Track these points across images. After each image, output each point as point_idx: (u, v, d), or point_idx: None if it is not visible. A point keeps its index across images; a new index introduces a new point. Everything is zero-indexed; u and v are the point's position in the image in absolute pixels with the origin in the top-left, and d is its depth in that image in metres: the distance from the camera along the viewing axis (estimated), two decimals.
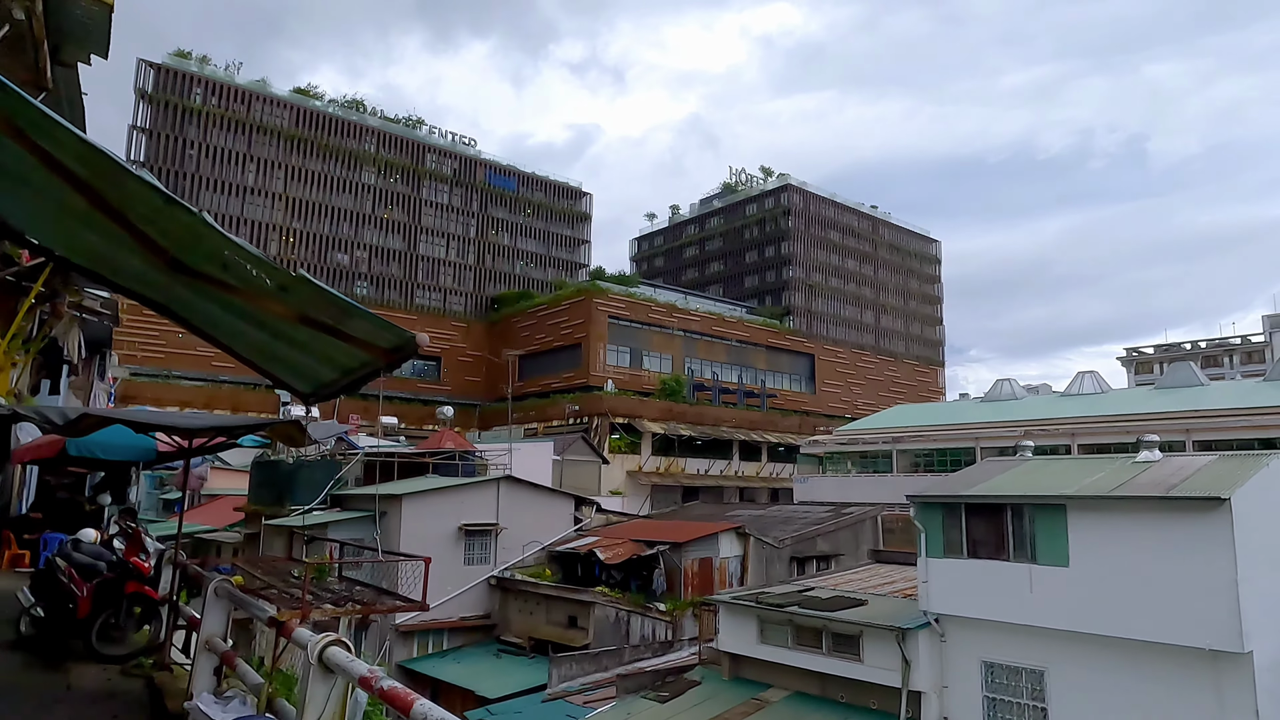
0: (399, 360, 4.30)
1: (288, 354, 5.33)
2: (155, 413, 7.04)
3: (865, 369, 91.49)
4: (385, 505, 28.23)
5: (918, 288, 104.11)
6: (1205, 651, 13.47)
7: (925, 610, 17.08)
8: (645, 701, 19.99)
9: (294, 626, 3.34)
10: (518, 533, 29.61)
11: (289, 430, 5.93)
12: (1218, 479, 14.43)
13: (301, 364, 5.45)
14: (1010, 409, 52.01)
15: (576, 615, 26.05)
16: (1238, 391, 46.91)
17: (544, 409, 67.38)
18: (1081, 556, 14.93)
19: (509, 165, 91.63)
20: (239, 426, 5.82)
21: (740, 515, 36.25)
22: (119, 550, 6.90)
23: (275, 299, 4.22)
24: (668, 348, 74.08)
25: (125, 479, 13.32)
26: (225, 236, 3.79)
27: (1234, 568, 13.16)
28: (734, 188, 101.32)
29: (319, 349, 4.91)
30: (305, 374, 5.67)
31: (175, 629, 6.10)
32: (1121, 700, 14.49)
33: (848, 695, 18.26)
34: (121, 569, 6.80)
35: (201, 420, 6.08)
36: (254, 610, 3.83)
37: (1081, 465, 17.80)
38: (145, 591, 6.63)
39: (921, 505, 17.47)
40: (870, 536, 33.88)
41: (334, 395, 5.91)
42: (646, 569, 27.92)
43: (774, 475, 70.12)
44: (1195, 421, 41.50)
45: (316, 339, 4.72)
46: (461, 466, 34.26)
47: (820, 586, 22.06)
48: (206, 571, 5.59)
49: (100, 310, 16.09)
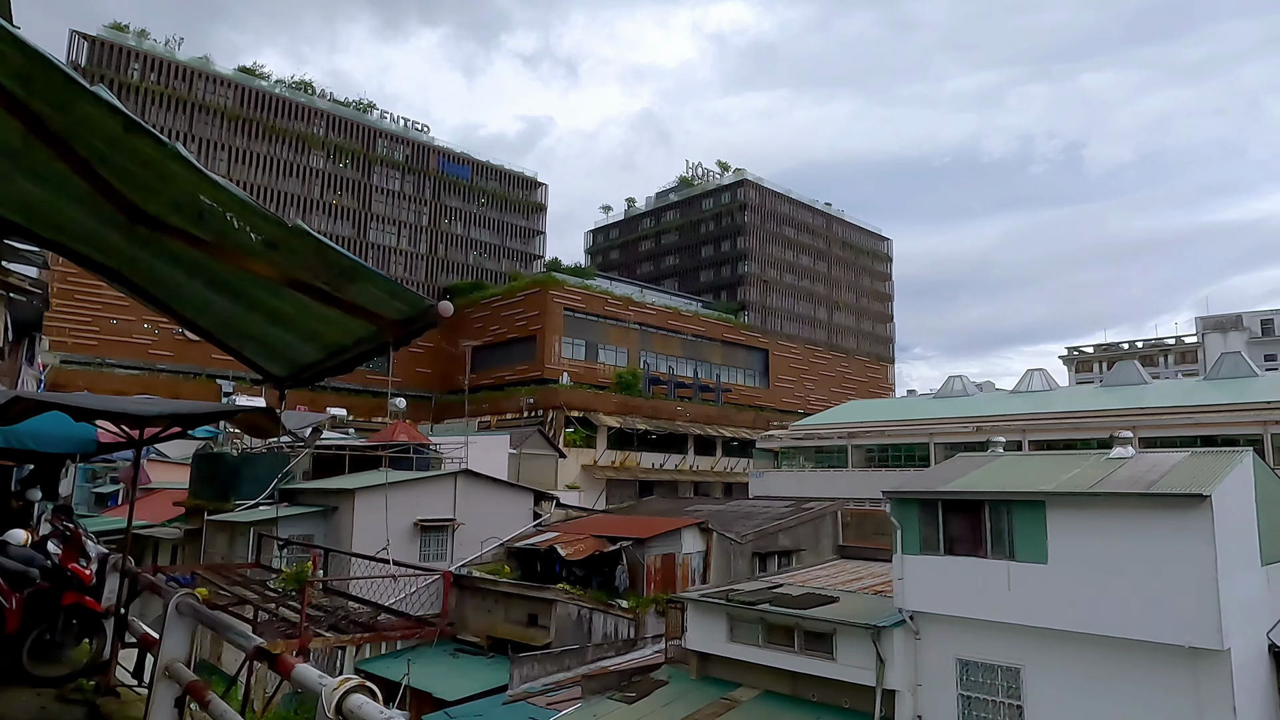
0: (409, 335, 3.61)
1: (264, 329, 4.57)
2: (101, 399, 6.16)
3: (818, 365, 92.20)
4: (336, 500, 27.10)
5: (869, 285, 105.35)
6: (1184, 649, 13.42)
7: (901, 608, 16.82)
8: (612, 702, 19.40)
9: (291, 661, 2.67)
10: (475, 528, 28.72)
11: (259, 420, 5.16)
12: (1195, 476, 14.41)
13: (279, 341, 4.69)
14: (962, 405, 52.70)
15: (537, 613, 25.30)
16: (1179, 390, 48.27)
17: (498, 402, 66.21)
18: (1060, 553, 14.79)
19: (463, 153, 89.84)
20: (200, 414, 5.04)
21: (701, 510, 35.86)
22: (54, 555, 6.04)
23: (260, 258, 3.49)
24: (623, 341, 73.45)
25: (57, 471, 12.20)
26: (204, 176, 3.06)
27: (1214, 565, 13.12)
28: (690, 182, 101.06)
29: (305, 322, 4.17)
30: (282, 354, 4.90)
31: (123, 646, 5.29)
32: (1098, 698, 14.40)
33: (819, 694, 17.94)
34: (58, 576, 5.94)
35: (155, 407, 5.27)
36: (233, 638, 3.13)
37: (1056, 461, 17.75)
38: (86, 603, 5.79)
39: (898, 501, 17.20)
40: (831, 531, 33.80)
41: (313, 379, 5.16)
42: (609, 565, 27.30)
43: (728, 470, 70.14)
44: (1139, 419, 42.44)
45: (305, 309, 3.98)
46: (416, 460, 33.19)
47: (789, 583, 21.74)
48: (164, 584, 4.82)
49: (29, 289, 14.83)
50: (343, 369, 4.62)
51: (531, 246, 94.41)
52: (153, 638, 4.79)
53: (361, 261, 3.24)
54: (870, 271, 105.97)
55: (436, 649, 26.44)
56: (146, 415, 5.10)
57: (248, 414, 5.05)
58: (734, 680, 19.54)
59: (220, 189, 3.09)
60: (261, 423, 5.24)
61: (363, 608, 4.96)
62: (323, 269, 3.38)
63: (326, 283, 3.49)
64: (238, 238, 3.39)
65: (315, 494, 28.29)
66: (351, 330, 4.01)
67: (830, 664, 17.47)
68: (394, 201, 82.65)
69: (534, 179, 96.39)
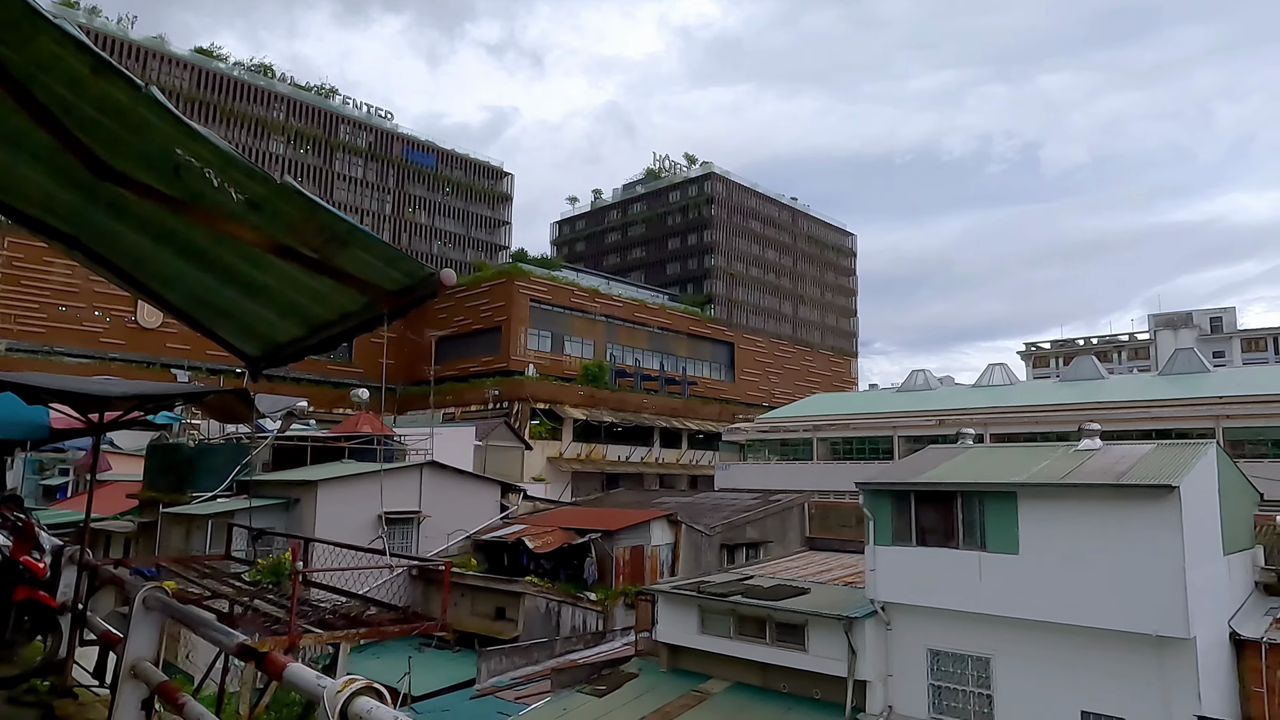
0: (407, 306, 3.34)
1: (240, 304, 4.24)
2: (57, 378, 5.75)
3: (783, 358, 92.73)
4: (298, 492, 26.47)
5: (833, 280, 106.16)
6: (1151, 637, 13.61)
7: (872, 598, 16.86)
8: (582, 695, 19.21)
9: (281, 660, 2.40)
10: (441, 521, 28.27)
11: (231, 403, 4.83)
12: (1162, 467, 14.62)
13: (256, 317, 4.36)
14: (925, 399, 53.30)
15: (505, 606, 25.01)
16: (1135, 385, 49.39)
17: (463, 393, 65.44)
18: (1031, 544, 14.92)
19: (428, 141, 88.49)
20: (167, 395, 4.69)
21: (668, 502, 35.79)
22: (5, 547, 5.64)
23: (241, 221, 3.20)
24: (590, 333, 73.06)
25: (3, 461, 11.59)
26: (182, 126, 2.76)
27: (1182, 554, 13.31)
28: (657, 174, 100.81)
29: (287, 295, 3.87)
30: (258, 332, 4.57)
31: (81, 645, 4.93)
32: (1067, 686, 14.57)
33: (790, 685, 17.93)
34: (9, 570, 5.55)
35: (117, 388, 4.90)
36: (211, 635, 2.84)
37: (1026, 453, 17.92)
38: (39, 598, 5.41)
39: (871, 493, 17.23)
40: (798, 523, 33.95)
41: (291, 359, 4.84)
42: (577, 558, 27.08)
43: (694, 462, 70.23)
44: (1097, 413, 43.21)
45: (288, 281, 3.68)
46: (380, 451, 32.55)
47: (760, 575, 21.71)
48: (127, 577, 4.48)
49: None
50: (325, 347, 4.32)
51: (497, 237, 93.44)
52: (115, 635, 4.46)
53: (358, 225, 2.97)
54: (835, 266, 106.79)
55: (402, 643, 25.98)
56: (108, 397, 4.74)
57: (219, 397, 4.71)
58: (704, 672, 19.47)
59: (200, 141, 2.80)
60: (233, 406, 4.91)
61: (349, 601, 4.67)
62: (313, 234, 3.09)
63: (316, 249, 3.21)
64: (217, 197, 3.09)
65: (276, 486, 27.61)
66: (339, 303, 3.72)
67: (802, 655, 17.47)
68: (356, 189, 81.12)
69: (500, 168, 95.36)
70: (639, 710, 18.06)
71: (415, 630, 4.37)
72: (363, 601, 4.96)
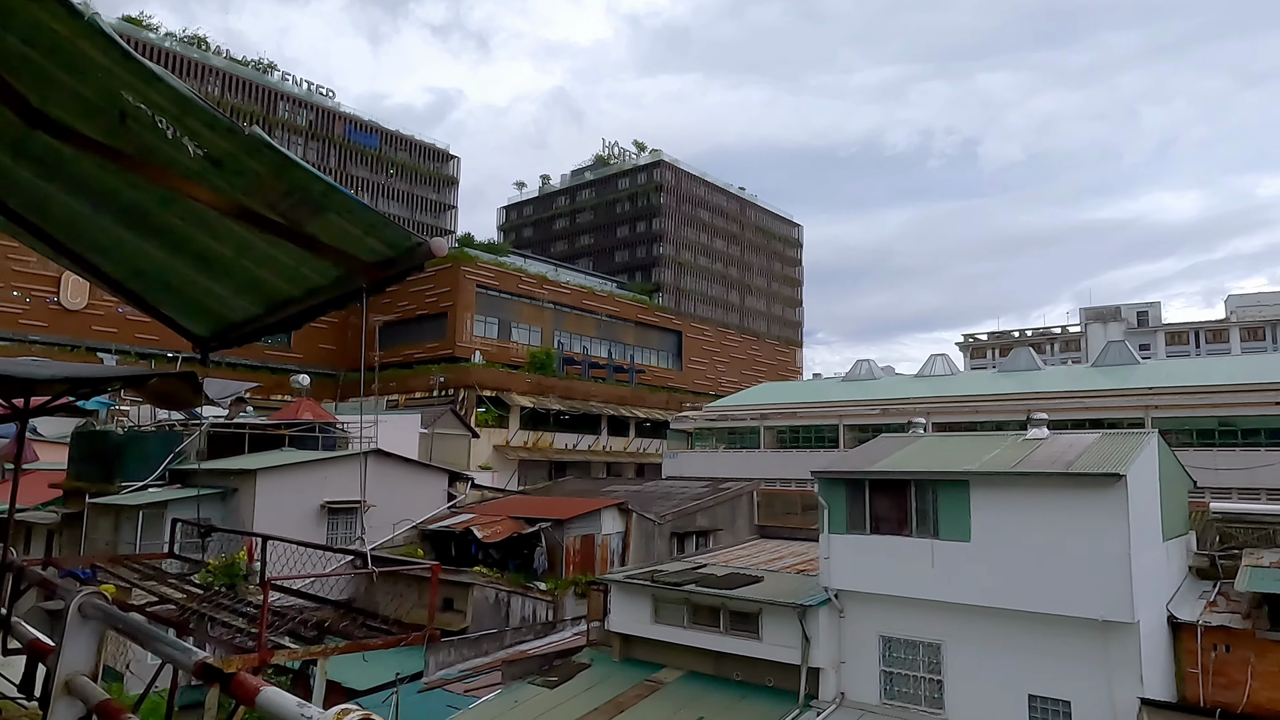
0: (386, 281, 2.99)
1: (189, 277, 3.82)
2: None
3: (730, 347, 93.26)
4: (236, 481, 25.46)
5: (780, 270, 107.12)
6: (1097, 622, 13.93)
7: (826, 586, 16.93)
8: (533, 687, 18.92)
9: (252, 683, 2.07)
10: (387, 510, 27.52)
11: (176, 387, 4.38)
12: (1109, 456, 14.95)
13: (207, 293, 3.94)
14: (869, 388, 54.12)
15: (453, 597, 24.50)
16: (1069, 376, 50.96)
17: (407, 380, 64.07)
18: (983, 532, 15.13)
19: (371, 121, 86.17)
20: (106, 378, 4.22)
21: (618, 491, 35.59)
22: None
23: (199, 180, 2.81)
24: (537, 320, 72.28)
25: None
26: (131, 61, 2.38)
27: (1127, 541, 13.63)
28: (606, 160, 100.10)
29: (246, 267, 3.47)
30: (209, 309, 4.15)
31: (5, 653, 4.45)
32: (1014, 670, 14.85)
33: (743, 674, 17.93)
34: None
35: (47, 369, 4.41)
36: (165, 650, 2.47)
37: (977, 442, 18.19)
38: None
39: (825, 481, 17.27)
40: (747, 511, 34.12)
41: (245, 340, 4.42)
42: (527, 547, 26.70)
43: (641, 451, 70.24)
44: (1034, 402, 44.41)
45: (248, 250, 3.29)
46: (322, 439, 31.58)
47: (713, 563, 21.67)
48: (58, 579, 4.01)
49: None
50: (285, 326, 3.92)
51: (443, 221, 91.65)
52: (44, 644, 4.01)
53: (337, 185, 2.61)
54: (781, 257, 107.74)
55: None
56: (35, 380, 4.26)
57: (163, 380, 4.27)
58: (658, 662, 19.35)
59: (154, 83, 2.41)
60: (178, 391, 4.46)
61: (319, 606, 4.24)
62: (282, 195, 2.73)
63: (284, 214, 2.84)
64: (170, 152, 2.70)
65: (212, 475, 26.54)
66: (306, 277, 3.34)
67: (756, 643, 17.47)
68: None
69: (445, 151, 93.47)
70: (592, 701, 17.85)
71: (403, 643, 4.03)
72: (329, 606, 4.58)
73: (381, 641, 4.10)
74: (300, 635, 3.90)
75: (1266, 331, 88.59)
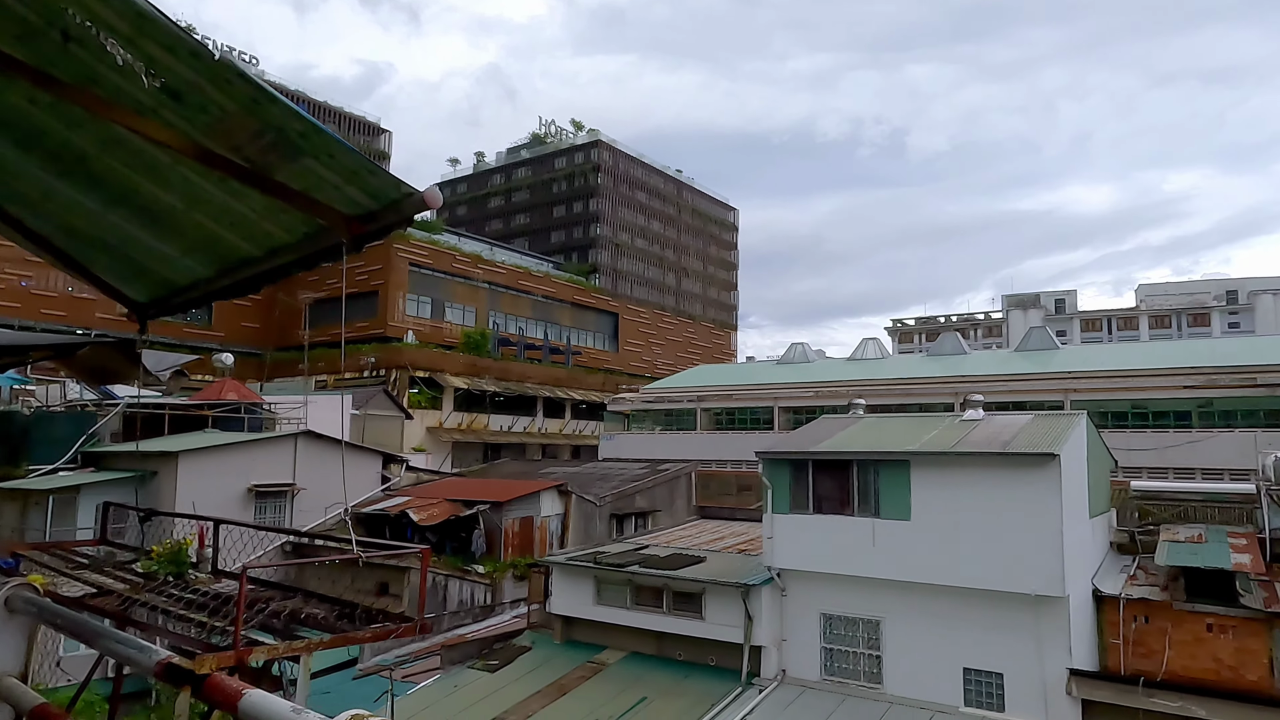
0: (369, 236, 2.70)
1: (129, 234, 3.43)
2: None
3: (666, 330, 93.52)
4: (156, 464, 24.26)
5: (716, 253, 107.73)
6: (1030, 596, 14.39)
7: (769, 566, 17.07)
8: (474, 672, 18.62)
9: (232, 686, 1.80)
10: (318, 493, 26.69)
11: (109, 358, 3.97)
12: (1042, 436, 15.42)
13: (149, 252, 3.55)
14: (803, 371, 55.00)
15: (388, 581, 23.93)
16: (994, 360, 52.73)
17: (336, 360, 62.18)
18: (923, 510, 15.44)
19: (297, 91, 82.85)
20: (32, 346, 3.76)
21: (556, 472, 35.33)
22: None
23: (151, 116, 2.46)
24: (472, 300, 71.03)
25: None
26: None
27: (1060, 518, 14.09)
28: (543, 139, 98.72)
29: (199, 221, 3.11)
30: (150, 271, 3.75)
31: None
32: (951, 645, 15.25)
33: (686, 653, 18.00)
34: None
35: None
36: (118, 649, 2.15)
37: (917, 423, 18.55)
38: None
39: (770, 462, 17.37)
40: (685, 492, 34.30)
41: (190, 306, 4.05)
42: (465, 530, 26.26)
43: (577, 433, 69.97)
44: (961, 385, 45.87)
45: (202, 201, 2.94)
46: (248, 420, 30.38)
47: (655, 544, 21.66)
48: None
49: None
50: (238, 291, 3.56)
51: None
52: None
53: (319, 124, 2.31)
54: (717, 240, 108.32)
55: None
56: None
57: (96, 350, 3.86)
58: (600, 643, 19.26)
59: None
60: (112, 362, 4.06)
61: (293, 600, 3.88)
62: (252, 136, 2.41)
63: (252, 158, 2.52)
64: (119, 81, 2.35)
65: (129, 458, 25.23)
66: (269, 233, 3.01)
67: (699, 623, 17.54)
68: None
69: (376, 125, 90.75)
70: (534, 684, 17.66)
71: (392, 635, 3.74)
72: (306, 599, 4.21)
73: (370, 634, 3.82)
74: (271, 627, 3.58)
75: (1173, 320, 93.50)
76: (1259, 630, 14.20)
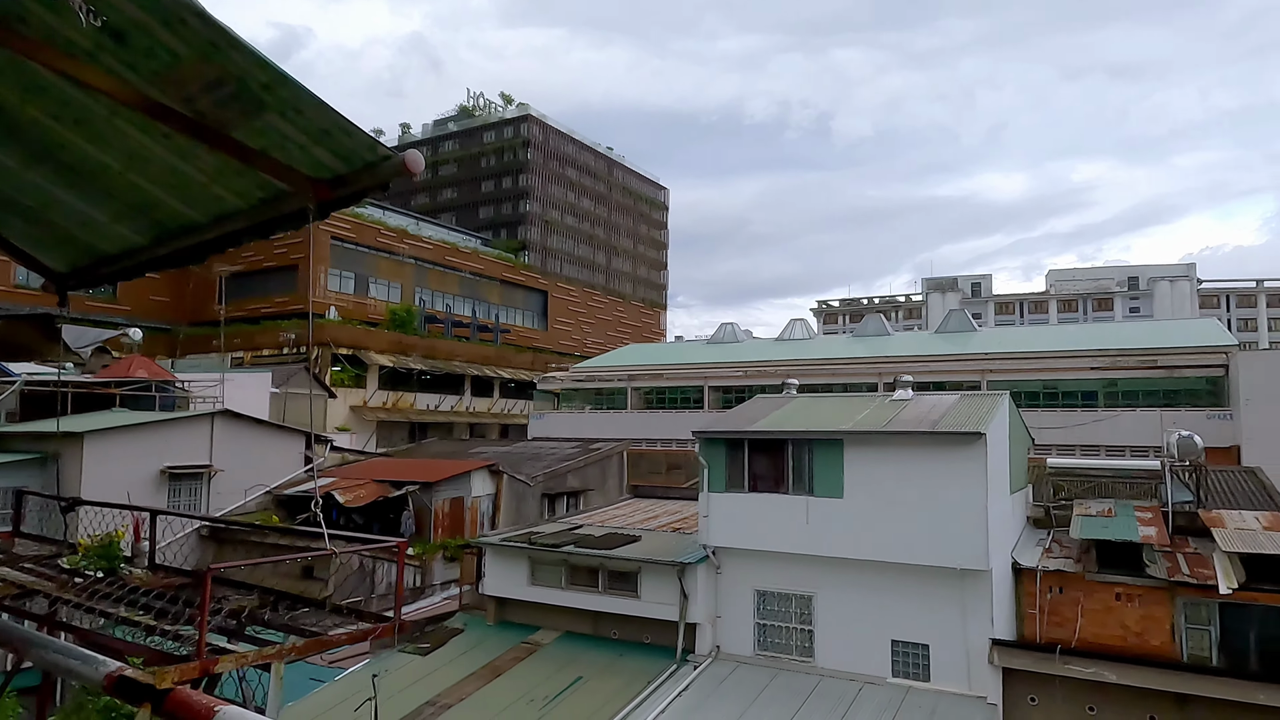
0: (340, 201, 2.46)
1: (51, 196, 3.08)
2: None
3: (596, 308, 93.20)
4: (58, 446, 22.87)
5: (646, 232, 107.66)
6: (955, 571, 14.89)
7: (705, 544, 17.21)
8: (404, 655, 18.26)
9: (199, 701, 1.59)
10: (236, 475, 25.69)
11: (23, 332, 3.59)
12: (970, 415, 15.91)
13: (74, 216, 3.21)
14: (733, 351, 55.62)
15: (313, 565, 23.20)
16: (916, 341, 54.33)
17: (253, 336, 59.79)
18: (855, 488, 15.78)
19: None
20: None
21: (486, 452, 34.87)
22: None
23: (90, 59, 2.17)
24: (397, 276, 69.26)
25: None
26: None
27: (985, 495, 14.59)
28: (471, 112, 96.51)
29: (135, 183, 2.80)
30: (73, 238, 3.40)
31: None
32: (880, 618, 15.69)
33: (621, 632, 18.05)
34: None
35: None
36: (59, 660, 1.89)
37: (849, 403, 18.92)
38: None
39: (706, 441, 17.46)
40: (617, 471, 34.34)
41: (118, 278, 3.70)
42: (394, 511, 25.68)
43: (506, 411, 69.26)
44: (885, 366, 47.18)
45: (143, 159, 2.64)
46: (159, 399, 28.94)
47: (590, 524, 21.59)
48: None
49: None
50: (175, 261, 3.25)
51: None
52: None
53: (288, 74, 2.07)
54: (647, 219, 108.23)
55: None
56: None
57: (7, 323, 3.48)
58: (534, 624, 19.15)
59: None
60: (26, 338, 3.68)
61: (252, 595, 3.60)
62: (207, 86, 2.15)
63: (205, 111, 2.25)
64: (51, 20, 2.06)
65: (28, 439, 23.70)
66: (218, 198, 2.72)
67: (635, 602, 17.59)
68: None
69: None
70: (468, 666, 17.45)
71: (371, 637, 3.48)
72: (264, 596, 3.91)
73: (347, 636, 3.56)
74: (223, 629, 3.30)
75: (1080, 304, 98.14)
76: (1162, 598, 15.04)
